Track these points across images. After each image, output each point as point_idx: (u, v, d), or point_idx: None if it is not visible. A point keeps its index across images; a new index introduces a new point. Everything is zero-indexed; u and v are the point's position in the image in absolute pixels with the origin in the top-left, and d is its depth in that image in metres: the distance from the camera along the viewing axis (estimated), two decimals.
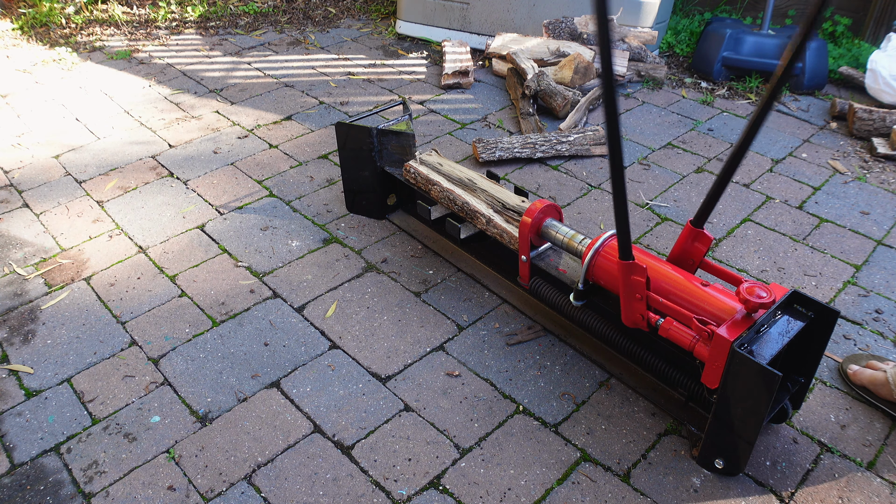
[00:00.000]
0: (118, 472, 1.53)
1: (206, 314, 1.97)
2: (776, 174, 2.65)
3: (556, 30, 3.44)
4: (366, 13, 4.38)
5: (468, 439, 1.61)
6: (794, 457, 1.57)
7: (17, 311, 1.98)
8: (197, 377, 1.77)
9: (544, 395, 1.72)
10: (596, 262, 1.63)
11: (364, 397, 1.71)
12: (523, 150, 2.67)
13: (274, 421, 1.65)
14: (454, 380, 1.76)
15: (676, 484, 1.51)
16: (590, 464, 1.56)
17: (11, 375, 1.78)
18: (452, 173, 2.11)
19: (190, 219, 2.37)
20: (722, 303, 1.44)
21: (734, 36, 3.32)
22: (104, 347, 1.86)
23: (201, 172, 2.64)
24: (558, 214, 1.84)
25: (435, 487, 1.50)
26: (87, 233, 2.31)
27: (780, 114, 3.10)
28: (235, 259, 2.18)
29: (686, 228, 1.54)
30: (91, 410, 1.68)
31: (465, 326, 1.93)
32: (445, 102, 3.20)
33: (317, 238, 2.28)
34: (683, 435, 1.62)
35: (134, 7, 4.42)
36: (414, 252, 2.22)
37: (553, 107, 2.98)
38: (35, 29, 4.05)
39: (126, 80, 3.43)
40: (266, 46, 3.85)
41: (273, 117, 3.06)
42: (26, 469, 1.54)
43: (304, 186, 2.55)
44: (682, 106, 3.17)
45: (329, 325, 1.93)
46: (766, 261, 2.18)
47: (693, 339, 1.43)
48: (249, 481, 1.51)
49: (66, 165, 2.69)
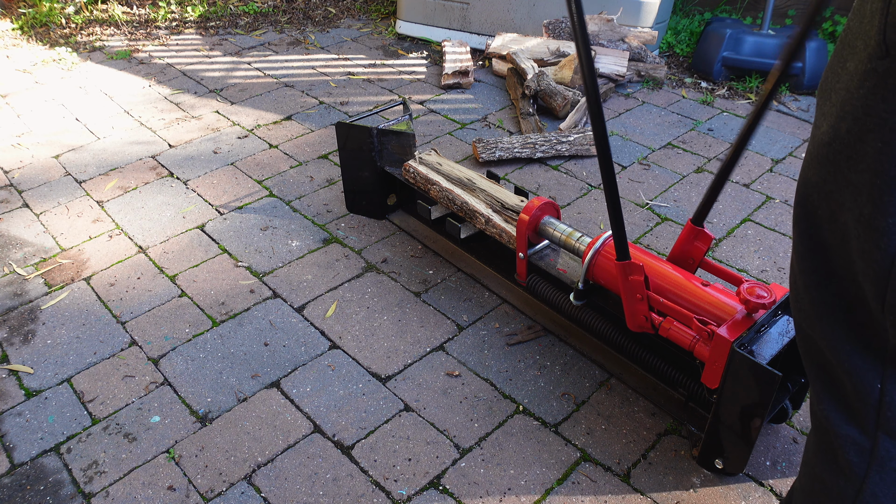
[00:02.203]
0: (118, 472, 1.53)
1: (206, 314, 1.97)
2: (776, 174, 2.65)
3: (556, 30, 3.44)
4: (366, 13, 4.38)
5: (468, 439, 1.61)
6: (794, 457, 1.57)
7: (17, 311, 1.98)
8: (197, 377, 1.77)
9: (544, 395, 1.72)
10: (596, 262, 1.63)
11: (364, 397, 1.71)
12: (523, 150, 2.67)
13: (274, 421, 1.65)
14: (454, 380, 1.76)
15: (676, 484, 1.51)
16: (590, 464, 1.55)
17: (11, 375, 1.78)
18: (452, 173, 2.11)
19: (190, 219, 2.37)
20: (722, 303, 1.44)
21: (734, 36, 3.32)
22: (104, 347, 1.86)
23: (201, 172, 2.64)
24: (556, 212, 1.84)
25: (435, 487, 1.50)
26: (87, 233, 2.31)
27: (780, 114, 3.10)
28: (235, 259, 2.18)
29: (686, 227, 1.54)
30: (91, 410, 1.68)
31: (465, 326, 1.93)
32: (445, 102, 3.20)
33: (317, 238, 2.28)
34: (683, 435, 1.62)
35: (134, 7, 4.42)
36: (414, 252, 2.22)
37: (553, 107, 2.98)
38: (35, 29, 4.05)
39: (126, 80, 3.43)
40: (266, 46, 3.85)
41: (273, 117, 3.06)
42: (26, 469, 1.54)
43: (304, 186, 2.55)
44: (682, 106, 3.17)
45: (329, 325, 1.93)
46: (767, 261, 2.17)
47: (693, 338, 1.43)
48: (249, 481, 1.51)
49: (66, 165, 2.69)
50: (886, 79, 0.72)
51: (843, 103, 0.79)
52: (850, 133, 0.77)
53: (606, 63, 3.29)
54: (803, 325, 0.96)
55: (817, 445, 1.00)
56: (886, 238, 0.76)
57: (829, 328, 0.90)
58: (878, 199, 0.75)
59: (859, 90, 0.75)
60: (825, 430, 0.96)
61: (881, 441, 0.90)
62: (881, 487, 0.92)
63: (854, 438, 0.92)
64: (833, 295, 0.88)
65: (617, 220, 1.36)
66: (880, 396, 0.88)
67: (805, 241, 0.90)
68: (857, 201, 0.78)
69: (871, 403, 0.89)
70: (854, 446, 0.92)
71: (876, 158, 0.75)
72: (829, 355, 0.92)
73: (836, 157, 0.80)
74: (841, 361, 0.90)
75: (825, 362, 0.94)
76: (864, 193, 0.77)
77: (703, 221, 1.51)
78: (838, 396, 0.93)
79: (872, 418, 0.89)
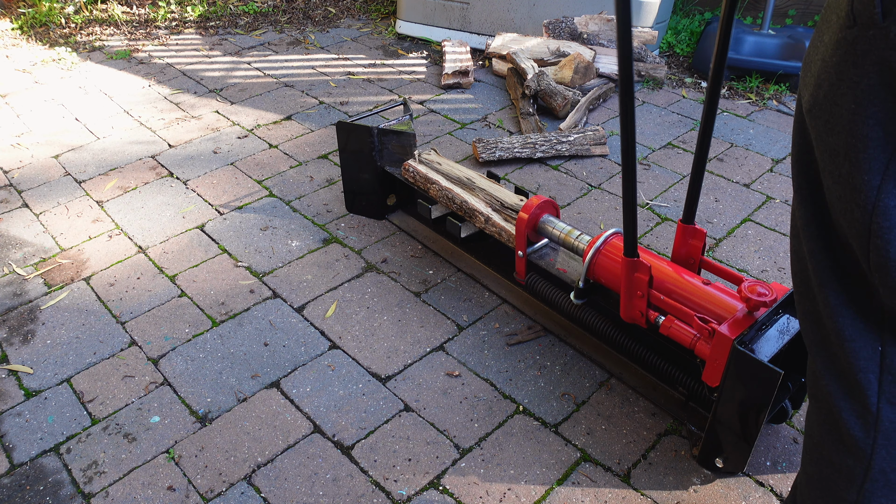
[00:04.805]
0: (118, 472, 1.53)
1: (206, 314, 1.96)
2: (776, 174, 2.65)
3: (556, 30, 3.44)
4: (366, 13, 4.38)
5: (468, 439, 1.61)
6: (794, 457, 1.57)
7: (17, 311, 1.98)
8: (197, 377, 1.76)
9: (544, 395, 1.72)
10: (597, 261, 1.63)
11: (364, 397, 1.71)
12: (523, 150, 2.67)
13: (274, 421, 1.65)
14: (454, 380, 1.76)
15: (677, 484, 1.51)
16: (590, 464, 1.55)
17: (11, 375, 1.77)
18: (451, 172, 2.11)
19: (190, 219, 2.37)
20: (723, 301, 1.44)
21: (734, 36, 3.31)
22: (104, 347, 1.85)
23: (201, 172, 2.64)
24: (555, 211, 1.84)
25: (435, 487, 1.50)
26: (87, 233, 2.31)
27: (780, 113, 3.10)
28: (235, 259, 2.18)
29: (678, 228, 1.55)
30: (91, 411, 1.68)
31: (465, 326, 1.92)
32: (445, 102, 3.20)
33: (317, 238, 2.28)
34: (683, 435, 1.62)
35: (134, 7, 4.42)
36: (414, 252, 2.21)
37: (553, 107, 2.98)
38: (35, 29, 4.05)
39: (126, 79, 3.43)
40: (266, 46, 3.85)
41: (273, 117, 3.05)
42: (26, 469, 1.54)
43: (304, 186, 2.55)
44: (682, 106, 3.17)
45: (329, 325, 1.93)
46: (767, 261, 2.17)
47: (694, 337, 1.43)
48: (249, 481, 1.51)
49: (66, 165, 2.69)
50: (855, 45, 0.77)
51: (819, 72, 0.84)
52: (826, 98, 0.83)
53: (606, 63, 3.29)
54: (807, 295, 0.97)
55: (821, 427, 0.99)
56: (864, 194, 0.80)
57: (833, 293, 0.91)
58: (854, 157, 0.80)
59: (832, 58, 0.81)
60: (828, 409, 0.96)
61: (884, 412, 0.90)
62: (889, 462, 0.92)
63: (857, 412, 0.92)
64: (834, 260, 0.91)
65: (631, 217, 1.37)
66: (881, 364, 0.89)
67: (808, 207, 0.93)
68: (836, 162, 0.83)
69: (873, 371, 0.89)
70: (858, 420, 0.92)
71: (850, 119, 0.80)
72: (829, 326, 0.92)
73: (816, 122, 0.85)
74: (841, 330, 0.91)
75: (826, 334, 0.94)
76: (841, 154, 0.82)
77: (692, 219, 1.53)
78: (839, 370, 0.94)
79: (874, 388, 0.90)
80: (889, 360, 0.88)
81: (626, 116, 1.19)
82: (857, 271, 0.88)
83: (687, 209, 1.51)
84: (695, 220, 1.54)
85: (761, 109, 3.13)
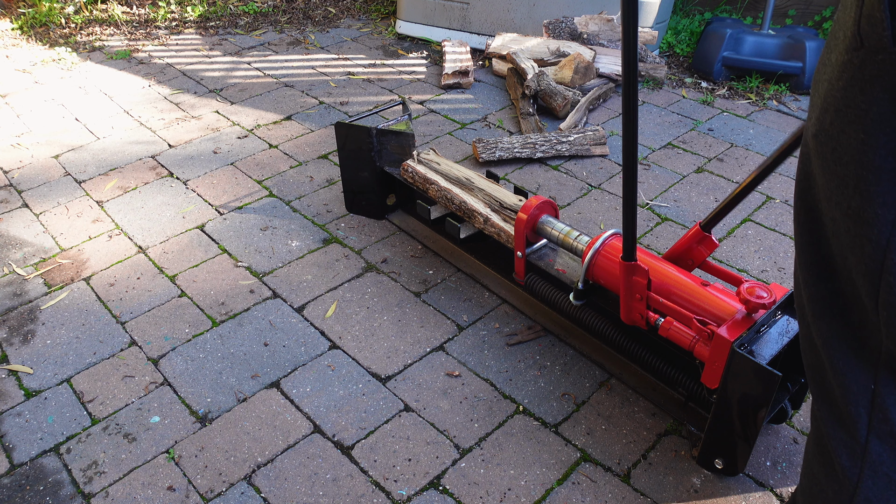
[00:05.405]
0: (118, 472, 1.53)
1: (206, 314, 1.96)
2: (776, 174, 2.65)
3: (556, 30, 3.44)
4: (366, 13, 4.38)
5: (468, 439, 1.61)
6: (794, 457, 1.57)
7: (17, 311, 1.98)
8: (197, 377, 1.77)
9: (544, 396, 1.72)
10: (596, 262, 1.63)
11: (364, 397, 1.71)
12: (523, 150, 2.67)
13: (274, 421, 1.65)
14: (454, 380, 1.76)
15: (676, 484, 1.51)
16: (590, 464, 1.55)
17: (11, 375, 1.77)
18: (450, 172, 2.11)
19: (190, 219, 2.37)
20: (722, 303, 1.44)
21: (734, 36, 3.31)
22: (104, 347, 1.85)
23: (201, 172, 2.64)
24: (554, 211, 1.84)
25: (435, 487, 1.50)
26: (87, 233, 2.31)
27: (780, 113, 3.10)
28: (235, 259, 2.18)
29: (694, 229, 1.53)
30: (91, 411, 1.68)
31: (465, 326, 1.93)
32: (445, 102, 3.20)
33: (317, 238, 2.28)
34: (683, 435, 1.62)
35: (133, 7, 4.42)
36: (414, 252, 2.21)
37: (553, 107, 2.98)
38: (35, 29, 4.05)
39: (126, 79, 3.43)
40: (266, 46, 3.85)
41: (273, 117, 3.05)
42: (26, 469, 1.54)
43: (303, 186, 2.55)
44: (682, 106, 3.17)
45: (329, 325, 1.93)
46: (767, 261, 2.17)
47: (693, 339, 1.43)
48: (249, 481, 1.51)
49: (66, 165, 2.69)
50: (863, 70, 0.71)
51: (825, 95, 0.78)
52: (832, 125, 0.77)
53: (606, 63, 3.29)
54: (802, 323, 0.96)
55: (815, 447, 1.00)
56: (877, 229, 0.75)
57: (826, 326, 0.89)
58: (865, 189, 0.75)
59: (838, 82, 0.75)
60: (821, 432, 0.96)
61: (872, 445, 0.89)
62: (874, 492, 0.91)
63: (846, 442, 0.91)
64: (831, 292, 0.87)
65: (631, 220, 1.34)
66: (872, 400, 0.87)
67: (805, 235, 0.89)
68: (845, 194, 0.77)
69: (864, 406, 0.88)
70: (846, 450, 0.91)
71: (859, 149, 0.74)
72: (823, 355, 0.91)
73: (822, 149, 0.80)
74: (834, 362, 0.89)
75: (820, 363, 0.93)
76: (850, 185, 0.76)
77: (711, 228, 1.50)
78: (830, 400, 0.93)
79: (864, 422, 0.88)
80: (881, 399, 0.86)
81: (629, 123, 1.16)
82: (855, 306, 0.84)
83: (712, 217, 1.47)
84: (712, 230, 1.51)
85: (761, 109, 3.13)
